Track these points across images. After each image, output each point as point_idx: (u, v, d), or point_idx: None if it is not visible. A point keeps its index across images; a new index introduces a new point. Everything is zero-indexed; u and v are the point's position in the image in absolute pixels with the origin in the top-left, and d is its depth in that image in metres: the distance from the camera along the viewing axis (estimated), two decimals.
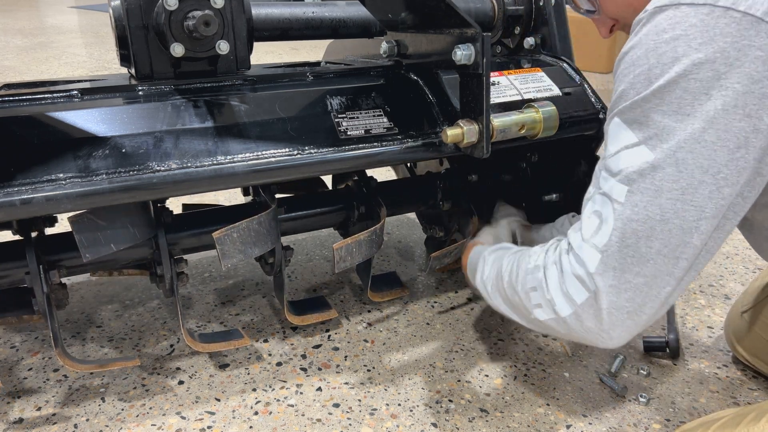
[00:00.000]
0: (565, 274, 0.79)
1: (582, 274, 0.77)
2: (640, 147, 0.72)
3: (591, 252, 0.76)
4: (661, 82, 0.70)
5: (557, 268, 0.82)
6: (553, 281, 0.81)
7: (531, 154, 1.44)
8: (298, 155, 1.01)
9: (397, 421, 1.11)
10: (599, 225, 0.75)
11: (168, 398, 1.16)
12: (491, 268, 1.00)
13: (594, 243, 0.75)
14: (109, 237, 1.04)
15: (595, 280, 0.76)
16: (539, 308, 0.84)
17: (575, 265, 0.78)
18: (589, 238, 0.76)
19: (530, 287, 0.86)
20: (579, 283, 0.78)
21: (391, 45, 1.22)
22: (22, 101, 0.95)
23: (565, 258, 0.80)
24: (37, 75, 4.00)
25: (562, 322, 0.82)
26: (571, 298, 0.79)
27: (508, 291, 0.92)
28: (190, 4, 0.97)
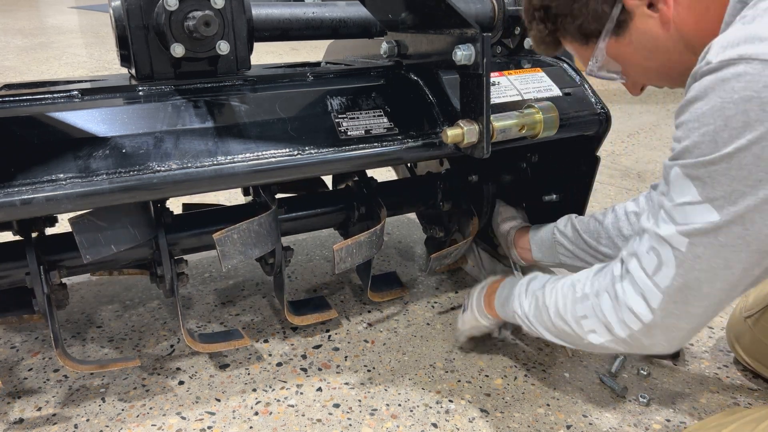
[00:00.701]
0: (620, 302, 0.82)
1: (641, 305, 0.80)
2: (704, 206, 0.71)
3: (653, 290, 0.78)
4: (730, 149, 0.66)
5: (610, 296, 0.84)
6: (608, 308, 0.84)
7: (531, 155, 1.44)
8: (298, 155, 1.01)
9: (397, 421, 1.11)
10: (659, 265, 0.77)
11: (168, 398, 1.16)
12: (530, 301, 1.02)
13: (656, 282, 0.77)
14: (109, 238, 1.04)
15: (655, 314, 0.78)
16: (593, 333, 0.87)
17: (633, 296, 0.81)
18: (650, 275, 0.78)
19: (581, 315, 0.88)
20: (637, 311, 0.80)
21: (391, 45, 1.22)
22: (23, 101, 0.95)
23: (619, 286, 0.83)
24: (37, 75, 4.00)
25: (620, 342, 0.85)
26: (628, 324, 0.82)
27: (555, 322, 0.94)
28: (190, 5, 0.97)
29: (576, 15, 0.85)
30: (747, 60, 0.64)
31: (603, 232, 1.18)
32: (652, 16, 0.80)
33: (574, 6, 0.84)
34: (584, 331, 0.89)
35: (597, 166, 1.30)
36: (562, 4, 0.85)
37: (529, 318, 1.02)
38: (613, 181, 2.38)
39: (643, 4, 0.80)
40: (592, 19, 0.84)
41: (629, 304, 0.81)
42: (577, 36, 0.88)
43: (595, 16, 0.83)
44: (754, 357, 1.21)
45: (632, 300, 0.81)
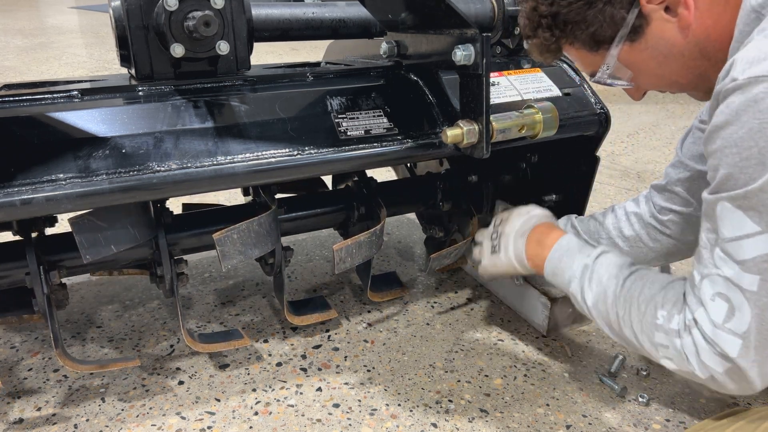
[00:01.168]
0: (701, 350, 0.77)
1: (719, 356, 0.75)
2: (763, 235, 0.67)
3: (729, 338, 0.73)
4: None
5: (691, 341, 0.78)
6: (690, 350, 0.78)
7: (531, 155, 1.44)
8: (298, 155, 1.01)
9: (397, 421, 1.11)
10: (731, 311, 0.72)
11: (168, 398, 1.16)
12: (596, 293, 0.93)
13: (731, 329, 0.73)
14: (109, 238, 1.04)
15: (737, 362, 0.74)
16: (668, 360, 0.82)
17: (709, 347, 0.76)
18: (722, 324, 0.73)
19: (659, 343, 0.82)
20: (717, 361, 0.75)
21: (391, 45, 1.22)
22: (23, 101, 0.95)
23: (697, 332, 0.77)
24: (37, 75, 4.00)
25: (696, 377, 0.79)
26: (708, 366, 0.76)
27: (626, 332, 0.88)
28: (190, 5, 0.97)
29: (590, 22, 0.81)
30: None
31: (603, 233, 1.18)
32: (670, 20, 0.78)
33: (588, 12, 0.80)
34: (659, 355, 0.83)
35: (597, 166, 1.30)
36: (574, 10, 0.81)
37: (590, 310, 0.94)
38: (612, 181, 2.38)
39: (660, 9, 0.77)
40: (607, 25, 0.80)
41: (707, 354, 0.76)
42: (588, 43, 0.84)
43: (611, 22, 0.80)
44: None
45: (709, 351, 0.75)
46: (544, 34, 0.86)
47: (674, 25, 0.78)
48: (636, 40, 0.81)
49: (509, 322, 1.42)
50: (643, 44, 0.81)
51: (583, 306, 0.95)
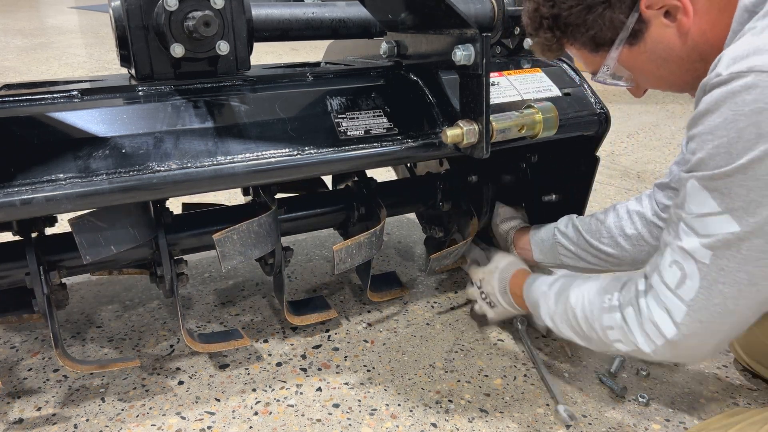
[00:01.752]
0: (644, 317, 0.83)
1: (665, 320, 0.80)
2: (724, 216, 0.71)
3: (677, 303, 0.78)
4: (744, 161, 0.67)
5: (634, 310, 0.85)
6: (633, 322, 0.85)
7: (531, 155, 1.44)
8: (298, 155, 1.01)
9: (397, 421, 1.11)
10: (682, 278, 0.77)
11: (168, 398, 1.16)
12: (556, 303, 1.03)
13: (680, 295, 0.78)
14: (109, 238, 1.04)
15: (680, 328, 0.79)
16: (619, 342, 0.88)
17: (656, 310, 0.81)
18: (674, 289, 0.78)
19: (607, 326, 0.89)
20: (661, 326, 0.81)
21: (390, 45, 1.22)
22: (23, 101, 0.95)
23: (643, 301, 0.84)
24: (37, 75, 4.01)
25: (644, 354, 0.85)
26: (652, 339, 0.83)
27: (584, 327, 0.95)
28: (190, 5, 0.97)
29: (590, 25, 0.83)
30: (756, 72, 0.65)
31: (605, 231, 1.18)
32: (669, 25, 0.79)
33: (588, 16, 0.82)
34: (610, 340, 0.90)
35: (597, 166, 1.30)
36: (574, 14, 0.82)
37: (555, 321, 1.03)
38: (612, 181, 2.38)
39: (660, 14, 0.79)
40: (606, 29, 0.82)
41: (654, 318, 0.82)
42: (588, 44, 0.86)
43: (611, 25, 0.82)
44: (754, 358, 1.21)
45: (656, 315, 0.81)
46: (546, 35, 0.88)
47: (673, 30, 0.79)
48: (635, 43, 0.83)
49: (509, 323, 1.42)
50: (642, 47, 0.83)
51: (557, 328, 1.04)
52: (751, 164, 0.67)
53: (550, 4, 0.84)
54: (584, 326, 0.95)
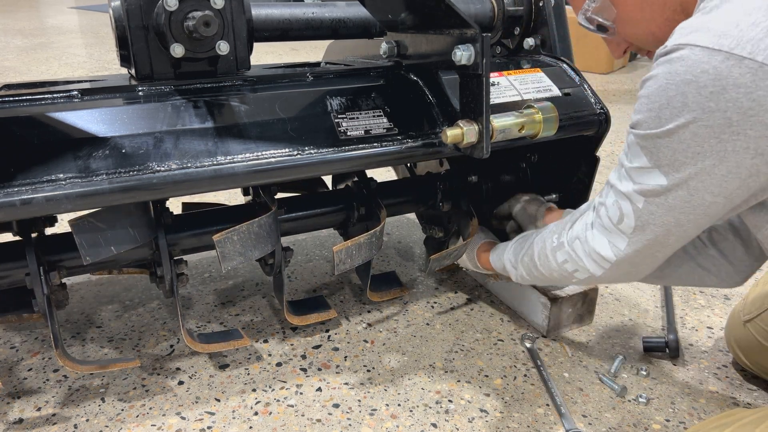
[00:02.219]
0: (590, 246, 0.93)
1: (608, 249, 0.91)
2: (654, 170, 0.79)
3: (619, 235, 0.88)
4: (671, 126, 0.73)
5: (581, 242, 0.95)
6: (581, 252, 0.95)
7: (531, 155, 1.44)
8: (298, 155, 1.01)
9: (397, 422, 1.11)
10: (621, 217, 0.86)
11: (168, 398, 1.16)
12: (515, 256, 1.14)
13: (620, 229, 0.88)
14: (109, 239, 1.04)
15: (621, 254, 0.89)
16: (577, 272, 0.98)
17: (600, 240, 0.91)
18: (615, 224, 0.88)
19: (561, 261, 1.00)
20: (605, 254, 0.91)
21: (390, 45, 1.22)
22: (22, 101, 0.95)
23: (590, 233, 0.94)
24: (37, 75, 4.01)
25: (599, 278, 0.96)
26: (599, 264, 0.93)
27: (543, 270, 1.06)
28: (190, 5, 0.97)
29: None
30: (691, 46, 0.70)
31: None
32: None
33: None
34: (569, 272, 1.00)
35: (597, 166, 1.30)
36: None
37: (527, 278, 1.12)
38: None
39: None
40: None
41: (597, 248, 0.92)
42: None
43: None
44: (754, 360, 1.21)
45: (600, 244, 0.91)
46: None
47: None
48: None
49: (509, 322, 1.42)
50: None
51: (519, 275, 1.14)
52: (676, 130, 0.73)
53: None
54: (544, 270, 1.05)
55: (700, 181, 0.75)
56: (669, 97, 0.72)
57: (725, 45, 0.67)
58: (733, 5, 0.70)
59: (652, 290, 1.58)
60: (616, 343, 1.35)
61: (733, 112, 0.68)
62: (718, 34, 0.68)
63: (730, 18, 0.69)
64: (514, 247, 1.17)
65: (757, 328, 1.19)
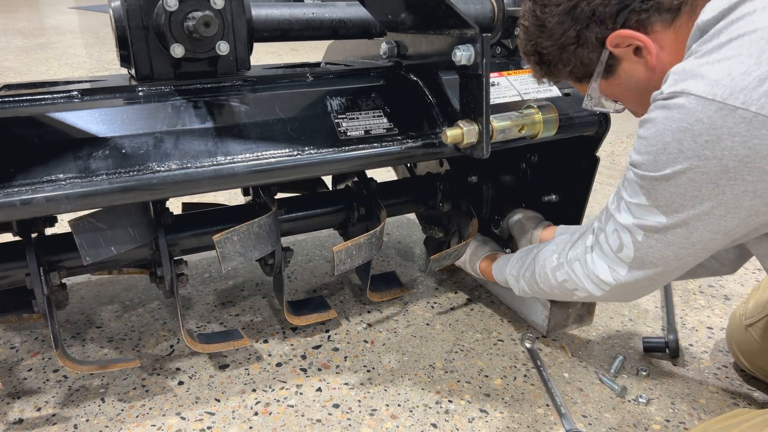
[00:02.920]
0: (590, 270, 0.95)
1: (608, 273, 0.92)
2: (652, 209, 0.80)
3: (619, 262, 0.90)
4: (668, 171, 0.75)
5: (581, 264, 0.97)
6: (581, 274, 0.97)
7: (531, 155, 1.44)
8: (298, 156, 1.01)
9: (397, 422, 1.11)
10: (621, 246, 0.88)
11: (168, 399, 1.16)
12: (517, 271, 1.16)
13: (620, 257, 0.89)
14: (109, 239, 1.04)
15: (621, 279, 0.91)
16: (576, 290, 1.00)
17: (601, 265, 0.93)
18: (615, 252, 0.89)
19: (562, 280, 1.02)
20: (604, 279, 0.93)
21: (390, 46, 1.22)
22: (22, 102, 0.95)
23: (589, 257, 0.95)
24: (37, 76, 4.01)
25: (599, 298, 0.98)
26: (600, 287, 0.95)
27: (544, 287, 1.08)
28: (190, 5, 0.97)
29: (566, 62, 0.90)
30: (687, 95, 0.71)
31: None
32: (638, 61, 0.85)
33: (563, 55, 0.90)
34: (569, 290, 1.02)
35: (597, 166, 1.30)
36: (551, 53, 0.90)
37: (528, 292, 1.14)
38: (612, 181, 2.38)
39: (629, 51, 0.85)
40: (580, 65, 0.90)
41: (597, 272, 0.94)
42: (570, 77, 0.94)
43: (583, 63, 0.89)
44: (756, 364, 1.21)
45: (600, 269, 0.93)
46: (534, 67, 0.97)
47: (642, 66, 0.86)
48: (609, 77, 0.91)
49: (509, 322, 1.42)
50: (617, 80, 0.90)
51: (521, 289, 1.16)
52: (673, 175, 0.75)
53: (532, 43, 0.92)
54: (545, 286, 1.07)
55: (699, 221, 0.77)
56: (665, 143, 0.74)
57: (719, 95, 0.68)
58: (726, 51, 0.70)
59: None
60: (616, 343, 1.35)
61: (730, 160, 0.70)
62: (712, 83, 0.69)
63: (723, 66, 0.70)
64: (516, 262, 1.19)
65: (759, 333, 1.19)
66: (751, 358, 1.21)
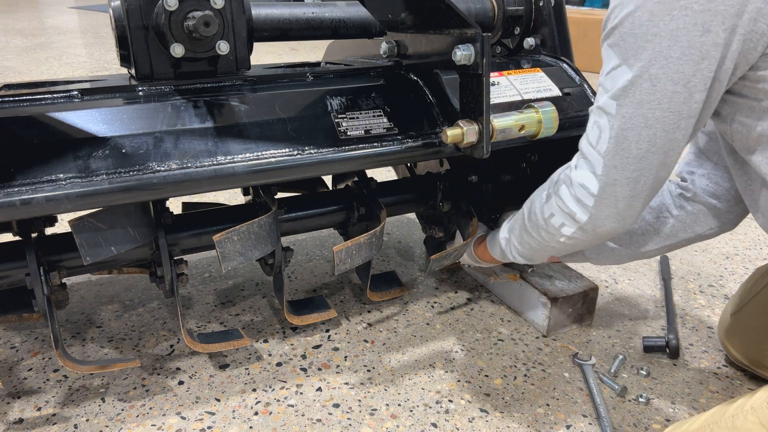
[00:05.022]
0: (574, 183, 0.93)
1: (589, 177, 0.90)
2: (621, 67, 0.81)
3: (596, 157, 0.88)
4: (630, 8, 0.78)
5: (566, 185, 0.95)
6: (566, 195, 0.95)
7: (531, 155, 1.44)
8: (298, 155, 1.01)
9: (397, 421, 1.11)
10: (599, 134, 0.87)
11: (168, 398, 1.16)
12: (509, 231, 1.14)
13: (598, 150, 0.88)
14: (109, 239, 1.04)
15: (600, 180, 0.88)
16: (564, 226, 0.97)
17: (583, 172, 0.91)
18: (594, 146, 0.88)
19: (549, 215, 0.99)
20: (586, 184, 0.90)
21: (390, 45, 1.22)
22: (23, 101, 0.95)
23: (574, 173, 0.93)
24: (37, 75, 4.01)
25: (585, 229, 0.94)
26: (583, 202, 0.92)
27: (532, 232, 1.04)
28: (190, 5, 0.97)
29: None
30: None
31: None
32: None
33: None
34: (556, 228, 0.98)
35: None
36: None
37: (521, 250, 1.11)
38: None
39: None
40: None
41: (580, 180, 0.91)
42: None
43: None
44: (742, 352, 1.22)
45: (582, 176, 0.91)
46: None
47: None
48: None
49: (509, 322, 1.42)
50: None
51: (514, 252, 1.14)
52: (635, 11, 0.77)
53: None
54: (533, 231, 1.04)
55: (660, 67, 0.78)
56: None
57: None
58: None
59: (652, 290, 1.58)
60: (616, 343, 1.35)
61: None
62: None
63: None
64: (506, 225, 1.18)
65: (742, 320, 1.20)
66: (738, 346, 1.23)
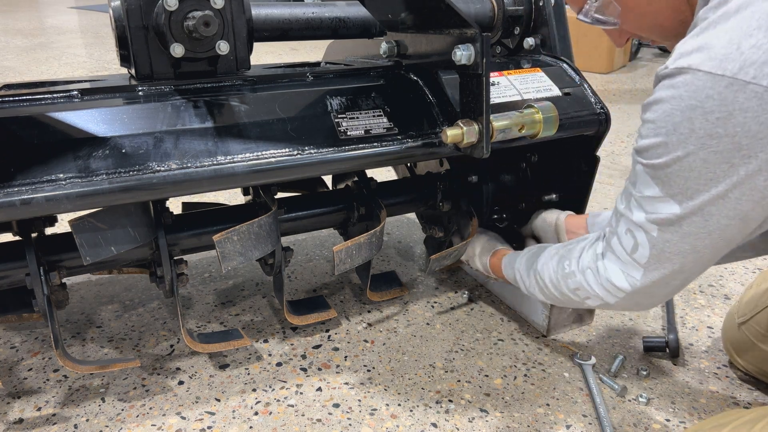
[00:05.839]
0: (602, 276, 0.92)
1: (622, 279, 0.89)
2: (666, 199, 0.78)
3: (634, 265, 0.87)
4: (680, 153, 0.73)
5: (593, 272, 0.94)
6: (593, 282, 0.94)
7: (531, 154, 1.44)
8: (298, 155, 1.01)
9: (397, 421, 1.11)
10: (635, 246, 0.85)
11: (168, 398, 1.16)
12: (528, 277, 1.13)
13: (635, 259, 0.86)
14: (109, 239, 1.04)
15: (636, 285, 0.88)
16: (589, 299, 0.98)
17: (614, 271, 0.90)
18: (629, 254, 0.86)
19: (573, 288, 0.99)
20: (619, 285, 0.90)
21: (390, 45, 1.22)
22: (22, 101, 0.95)
23: (601, 264, 0.93)
24: (37, 75, 4.00)
25: (612, 306, 0.95)
26: (612, 294, 0.92)
27: (556, 293, 1.05)
28: (190, 5, 0.97)
29: None
30: (694, 71, 0.69)
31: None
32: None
33: None
34: (581, 299, 0.99)
35: (597, 165, 1.30)
36: None
37: (538, 295, 1.12)
38: (612, 181, 2.38)
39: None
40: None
41: (611, 278, 0.90)
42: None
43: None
44: (749, 361, 1.21)
45: (613, 275, 0.90)
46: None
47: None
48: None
49: (509, 322, 1.42)
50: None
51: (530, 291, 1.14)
52: (686, 157, 0.72)
53: None
54: (556, 293, 1.05)
55: (714, 205, 0.74)
56: (675, 123, 0.72)
57: (728, 70, 0.66)
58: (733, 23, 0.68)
59: None
60: (616, 343, 1.35)
61: (742, 137, 0.68)
62: (720, 58, 0.67)
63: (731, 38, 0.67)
64: (525, 261, 1.15)
65: (751, 330, 1.19)
66: (745, 355, 1.21)
